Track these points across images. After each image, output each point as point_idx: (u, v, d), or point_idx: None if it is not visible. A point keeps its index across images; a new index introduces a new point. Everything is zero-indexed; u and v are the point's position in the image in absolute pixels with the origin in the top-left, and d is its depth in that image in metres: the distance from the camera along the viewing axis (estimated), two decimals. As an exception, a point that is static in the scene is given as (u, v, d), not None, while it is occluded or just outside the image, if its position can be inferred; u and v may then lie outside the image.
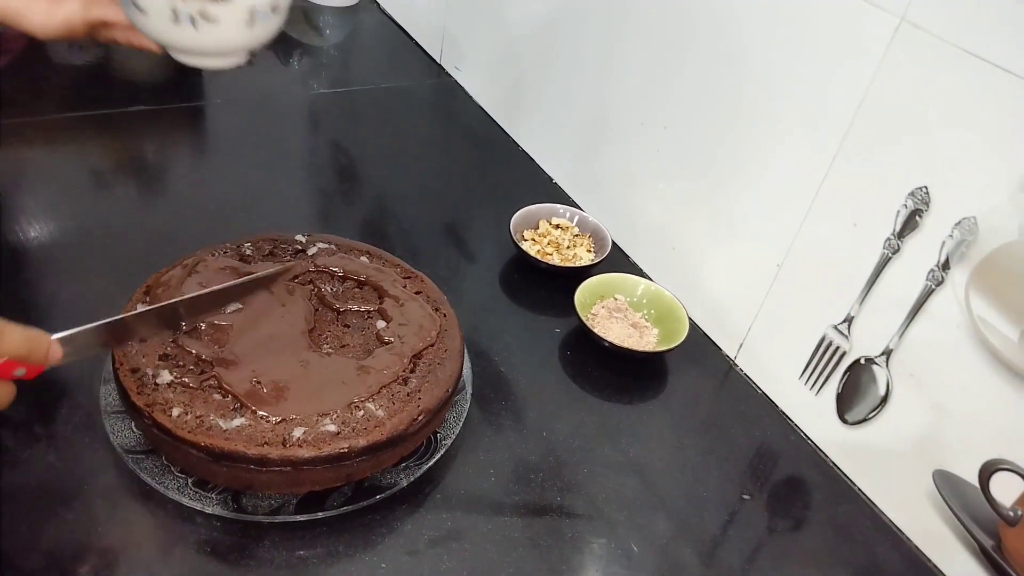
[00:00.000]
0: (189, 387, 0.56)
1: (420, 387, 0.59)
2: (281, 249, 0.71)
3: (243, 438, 0.53)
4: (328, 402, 0.56)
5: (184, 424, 0.53)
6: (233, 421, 0.54)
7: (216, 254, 0.68)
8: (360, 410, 0.56)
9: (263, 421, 0.54)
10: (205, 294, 0.60)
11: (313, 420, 0.55)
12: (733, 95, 0.73)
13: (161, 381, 0.56)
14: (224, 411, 0.55)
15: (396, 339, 0.63)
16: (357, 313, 0.66)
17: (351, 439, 0.54)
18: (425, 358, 0.62)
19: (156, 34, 0.54)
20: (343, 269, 0.69)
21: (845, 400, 0.68)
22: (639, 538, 0.60)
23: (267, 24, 0.56)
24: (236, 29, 0.54)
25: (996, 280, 0.55)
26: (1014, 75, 0.52)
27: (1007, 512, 0.56)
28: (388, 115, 0.93)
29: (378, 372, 0.59)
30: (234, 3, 0.52)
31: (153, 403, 0.54)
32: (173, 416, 0.54)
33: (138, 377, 0.56)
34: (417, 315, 0.65)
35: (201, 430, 0.53)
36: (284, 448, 0.53)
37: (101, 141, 0.92)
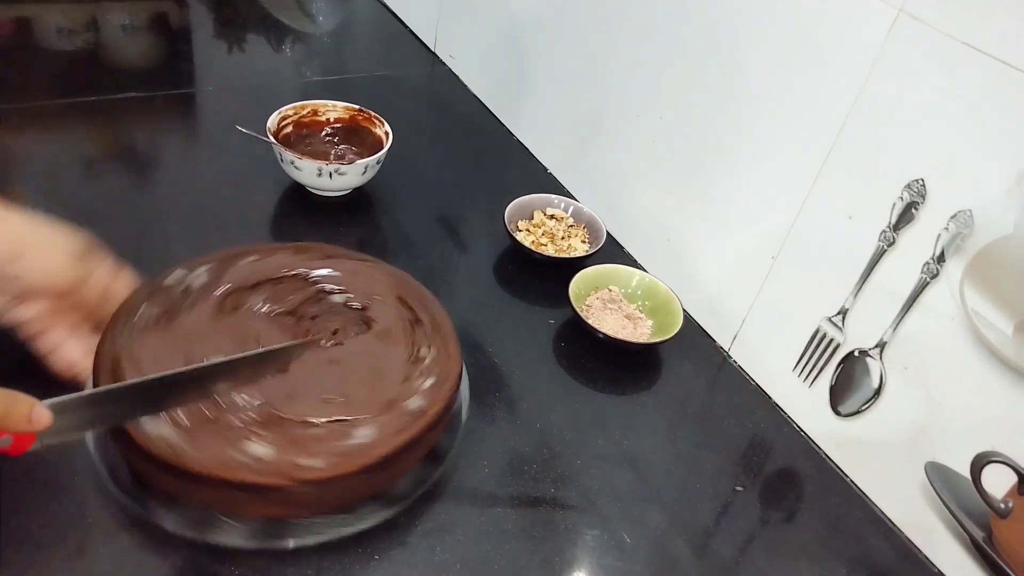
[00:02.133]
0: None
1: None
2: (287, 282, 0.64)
3: (261, 468, 0.50)
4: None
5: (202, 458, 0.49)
6: (250, 448, 0.50)
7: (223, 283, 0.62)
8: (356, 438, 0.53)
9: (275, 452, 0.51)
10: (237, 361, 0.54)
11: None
12: (729, 86, 0.72)
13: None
14: (235, 439, 0.51)
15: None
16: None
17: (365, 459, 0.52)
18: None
19: (306, 182, 0.84)
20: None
21: (838, 392, 0.68)
22: (632, 529, 0.60)
23: (374, 171, 0.86)
24: (355, 178, 0.85)
25: (991, 274, 0.55)
26: (1012, 68, 0.51)
27: (998, 504, 0.56)
28: (381, 104, 0.92)
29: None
30: (355, 164, 0.82)
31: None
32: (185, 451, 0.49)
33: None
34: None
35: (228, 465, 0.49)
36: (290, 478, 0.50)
37: (91, 128, 0.91)
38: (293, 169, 0.82)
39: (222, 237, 0.79)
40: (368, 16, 1.31)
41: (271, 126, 0.84)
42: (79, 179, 0.83)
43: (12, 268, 0.54)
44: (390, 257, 0.82)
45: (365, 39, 1.27)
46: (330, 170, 0.82)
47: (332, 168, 0.81)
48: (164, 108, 0.97)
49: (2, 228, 0.54)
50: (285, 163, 0.83)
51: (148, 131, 0.93)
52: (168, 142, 0.93)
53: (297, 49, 1.17)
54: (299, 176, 0.83)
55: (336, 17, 1.29)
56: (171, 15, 1.18)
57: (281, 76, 1.10)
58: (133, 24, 1.13)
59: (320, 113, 0.90)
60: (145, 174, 0.87)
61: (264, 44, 1.16)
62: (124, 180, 0.85)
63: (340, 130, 0.91)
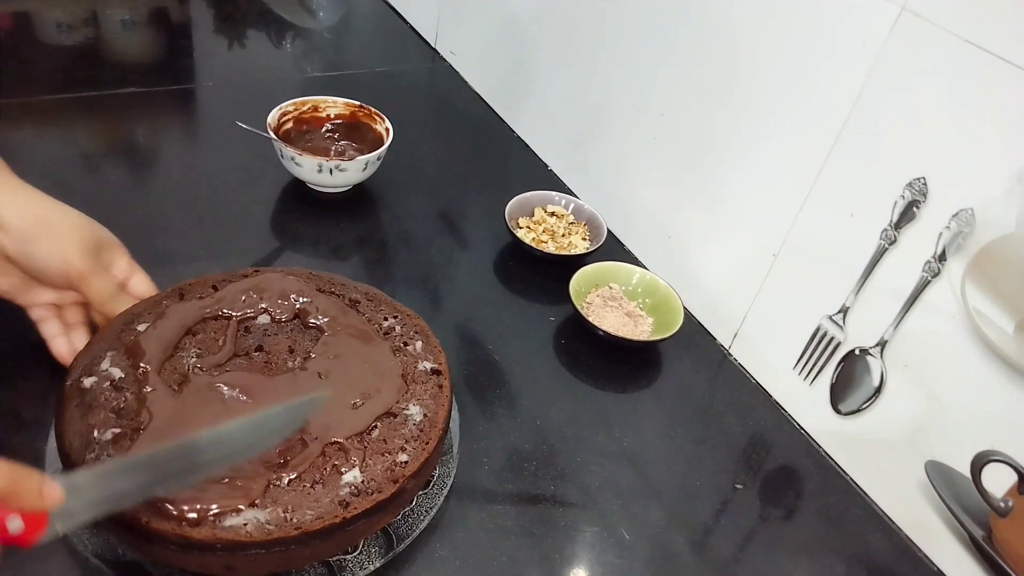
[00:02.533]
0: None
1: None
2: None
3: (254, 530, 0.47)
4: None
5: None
6: (239, 516, 0.47)
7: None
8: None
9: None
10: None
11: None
12: (730, 83, 0.72)
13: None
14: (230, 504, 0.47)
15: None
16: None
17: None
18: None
19: (307, 178, 0.84)
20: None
21: (839, 390, 0.68)
22: (632, 526, 0.60)
23: (375, 168, 0.86)
24: (356, 174, 0.84)
25: (992, 272, 0.55)
26: (1014, 66, 0.51)
27: (998, 503, 0.56)
28: (382, 100, 0.92)
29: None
30: (356, 161, 0.82)
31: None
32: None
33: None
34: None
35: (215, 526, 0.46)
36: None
37: (91, 124, 0.91)
38: (293, 165, 0.82)
39: (222, 234, 0.79)
40: (369, 12, 1.31)
41: (271, 122, 0.84)
42: (78, 175, 0.83)
43: (24, 248, 0.54)
44: (390, 253, 0.82)
45: (366, 35, 1.27)
46: (331, 166, 0.81)
47: (333, 164, 0.81)
48: (164, 104, 0.97)
49: (23, 208, 0.55)
50: (285, 159, 0.83)
51: (148, 127, 0.93)
52: (168, 138, 0.93)
53: (297, 45, 1.17)
54: (299, 172, 0.83)
55: (337, 13, 1.29)
56: (171, 10, 1.18)
57: (281, 72, 1.10)
58: (133, 19, 1.12)
59: (320, 109, 0.90)
60: (145, 170, 0.87)
61: (264, 40, 1.16)
62: (124, 176, 0.85)
63: (340, 126, 0.91)
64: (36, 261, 0.55)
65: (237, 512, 0.46)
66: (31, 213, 0.55)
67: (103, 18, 1.11)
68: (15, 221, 0.54)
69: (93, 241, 0.57)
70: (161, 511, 0.46)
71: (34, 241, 0.54)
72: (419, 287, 0.78)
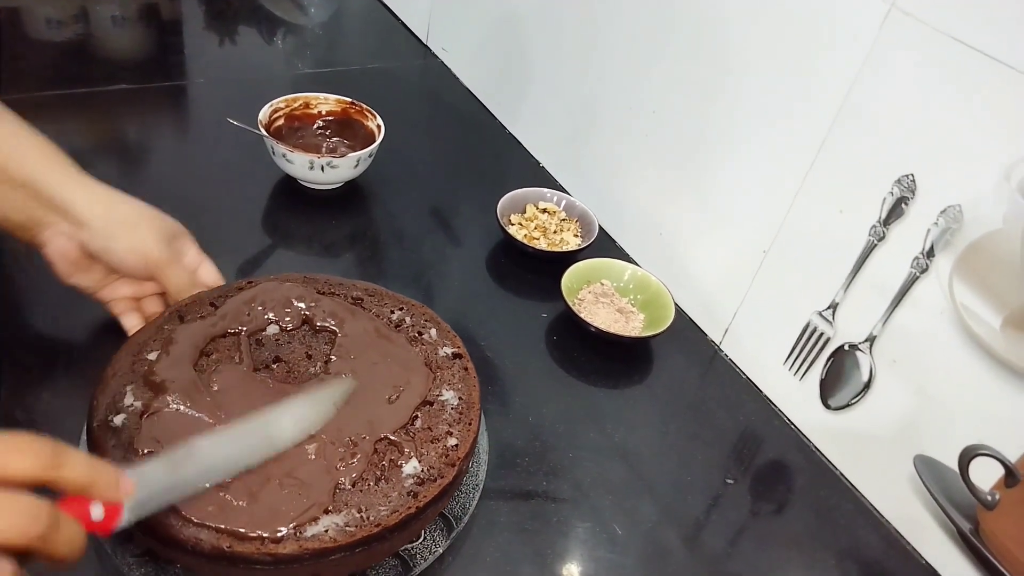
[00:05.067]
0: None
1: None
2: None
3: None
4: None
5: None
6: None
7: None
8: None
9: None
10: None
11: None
12: (721, 81, 0.72)
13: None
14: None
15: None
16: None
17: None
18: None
19: (298, 175, 0.84)
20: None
21: (828, 386, 0.68)
22: (624, 522, 0.61)
23: (366, 165, 0.86)
24: (348, 171, 0.84)
25: (980, 268, 0.56)
26: (1002, 64, 0.52)
27: (985, 496, 0.57)
28: (373, 97, 0.92)
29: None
30: (348, 157, 0.82)
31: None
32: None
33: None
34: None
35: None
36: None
37: (81, 120, 0.90)
38: (285, 162, 0.82)
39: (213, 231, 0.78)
40: (360, 8, 1.31)
41: (262, 119, 0.84)
42: (69, 172, 0.82)
43: (105, 244, 0.57)
44: (383, 250, 0.82)
45: (357, 31, 1.27)
46: (322, 163, 0.81)
47: (324, 161, 0.81)
48: (155, 100, 0.97)
49: (101, 206, 0.57)
50: (277, 156, 0.82)
51: (138, 123, 0.93)
52: (159, 135, 0.92)
53: (289, 41, 1.17)
54: (291, 169, 0.83)
55: (328, 9, 1.28)
56: (162, 6, 1.17)
57: (273, 68, 1.10)
58: (123, 15, 1.12)
59: (312, 106, 0.90)
60: (135, 167, 0.86)
61: (255, 36, 1.15)
62: (114, 173, 0.84)
63: (332, 123, 0.91)
64: (118, 255, 0.58)
65: (315, 521, 0.47)
66: (109, 210, 0.57)
67: (93, 14, 1.10)
68: (96, 219, 0.56)
69: (167, 232, 0.60)
70: (239, 535, 0.46)
71: (115, 237, 0.57)
72: (411, 284, 0.78)
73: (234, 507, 0.46)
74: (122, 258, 0.58)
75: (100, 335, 0.64)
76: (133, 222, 0.58)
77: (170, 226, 0.60)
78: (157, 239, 0.59)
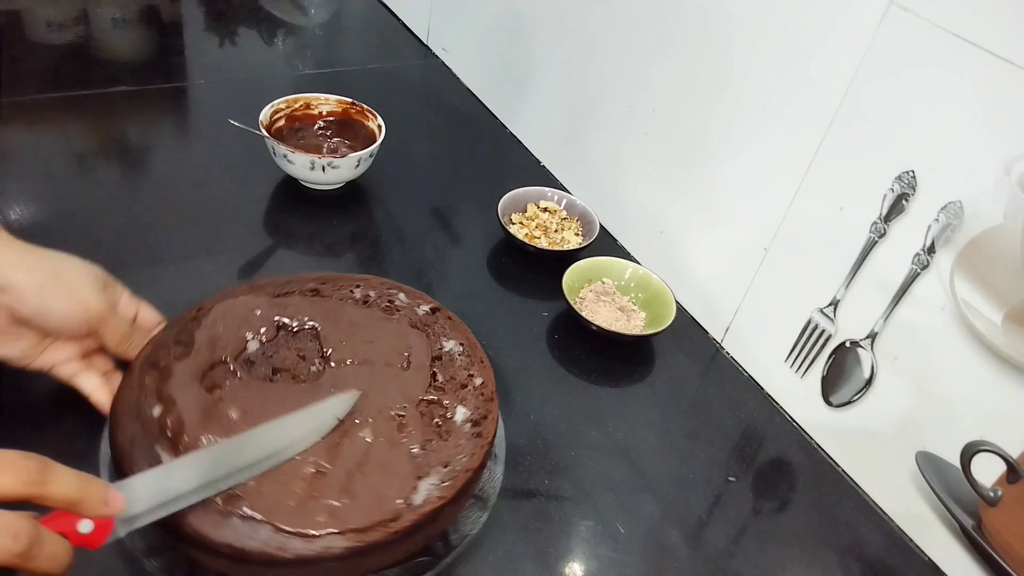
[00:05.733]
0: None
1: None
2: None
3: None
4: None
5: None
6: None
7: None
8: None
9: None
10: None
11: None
12: (721, 79, 0.72)
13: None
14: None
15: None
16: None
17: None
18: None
19: (299, 175, 0.84)
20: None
21: (830, 383, 0.68)
22: (626, 520, 0.61)
23: (367, 165, 0.86)
24: (348, 171, 0.85)
25: (981, 264, 0.56)
26: (1002, 59, 0.52)
27: (987, 492, 0.57)
28: (374, 97, 0.92)
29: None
30: (348, 158, 0.82)
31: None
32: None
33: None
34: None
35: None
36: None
37: (82, 123, 0.91)
38: (286, 163, 0.82)
39: (215, 232, 0.79)
40: (360, 9, 1.31)
41: (263, 119, 0.84)
42: (70, 174, 0.83)
43: (42, 306, 0.52)
44: (384, 249, 0.82)
45: (357, 32, 1.27)
46: (323, 163, 0.81)
47: (325, 162, 0.81)
48: (155, 102, 0.97)
49: (30, 265, 0.52)
50: (278, 157, 0.83)
51: (139, 125, 0.93)
52: (160, 136, 0.93)
53: (289, 42, 1.17)
54: (292, 170, 0.83)
55: (328, 10, 1.29)
56: (162, 8, 1.17)
57: (273, 69, 1.10)
58: (124, 17, 1.12)
59: (312, 106, 0.90)
60: (136, 169, 0.86)
61: (256, 37, 1.15)
62: (115, 175, 0.84)
63: (333, 123, 0.91)
64: (55, 313, 0.53)
65: (415, 490, 0.49)
66: (39, 267, 0.52)
67: (94, 16, 1.10)
68: (26, 279, 0.51)
69: (100, 281, 0.55)
70: (360, 530, 0.47)
71: (50, 294, 0.52)
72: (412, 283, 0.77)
73: (341, 508, 0.47)
74: (61, 317, 0.53)
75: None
76: (67, 276, 0.53)
77: (100, 274, 0.56)
78: (92, 291, 0.54)
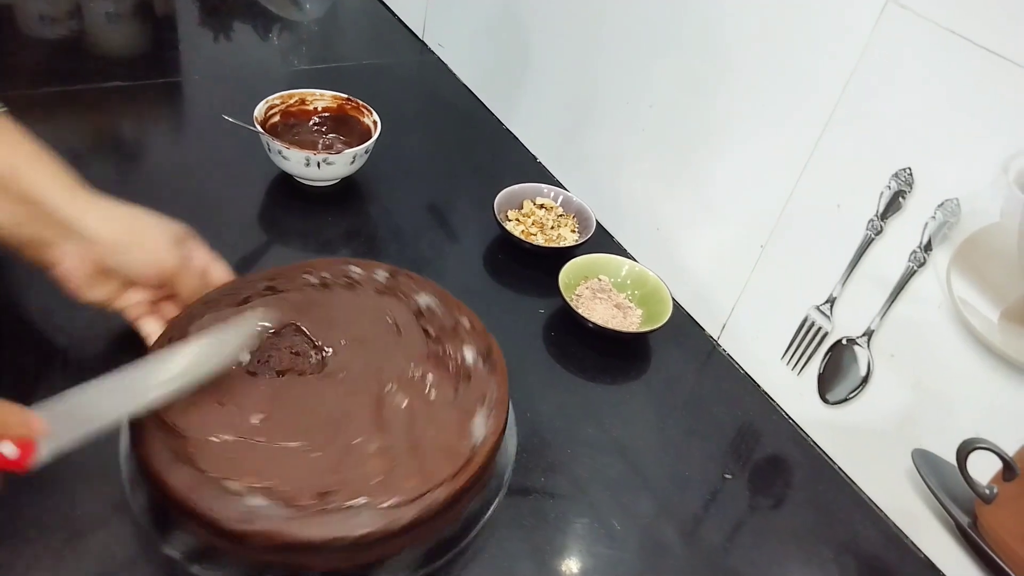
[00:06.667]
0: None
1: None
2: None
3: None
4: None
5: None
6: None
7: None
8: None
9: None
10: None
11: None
12: (718, 75, 0.72)
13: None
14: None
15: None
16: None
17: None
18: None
19: (294, 171, 0.84)
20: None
21: (826, 380, 0.68)
22: (622, 517, 0.61)
23: (363, 161, 0.86)
24: (344, 168, 0.84)
25: (977, 262, 0.56)
26: (999, 56, 0.52)
27: (983, 490, 0.57)
28: (370, 93, 0.92)
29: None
30: (344, 154, 0.82)
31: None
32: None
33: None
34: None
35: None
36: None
37: (75, 118, 0.90)
38: (281, 159, 0.82)
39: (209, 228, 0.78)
40: (356, 4, 1.30)
41: (258, 115, 0.84)
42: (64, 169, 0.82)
43: (120, 258, 0.58)
44: (380, 246, 0.82)
45: (353, 27, 1.26)
46: (318, 160, 0.81)
47: (320, 158, 0.81)
48: (149, 97, 0.96)
49: (110, 221, 0.58)
50: (273, 153, 0.82)
51: (133, 121, 0.92)
52: (154, 132, 0.92)
53: (284, 37, 1.16)
54: (287, 166, 0.83)
55: (323, 5, 1.28)
56: (156, 3, 1.17)
57: (268, 65, 1.09)
58: (117, 12, 1.11)
59: (308, 102, 0.90)
60: (130, 164, 0.86)
61: (251, 32, 1.15)
62: (109, 171, 0.84)
63: (328, 119, 0.90)
64: (132, 267, 0.58)
65: (471, 429, 0.53)
66: (119, 224, 0.58)
67: (87, 10, 1.09)
68: (107, 235, 0.57)
69: (175, 238, 0.60)
70: (442, 482, 0.49)
71: (128, 250, 0.58)
72: (408, 280, 0.78)
73: (423, 468, 0.49)
74: (138, 270, 0.59)
75: (97, 333, 0.64)
76: (142, 233, 0.59)
77: (177, 231, 0.61)
78: (168, 247, 0.59)
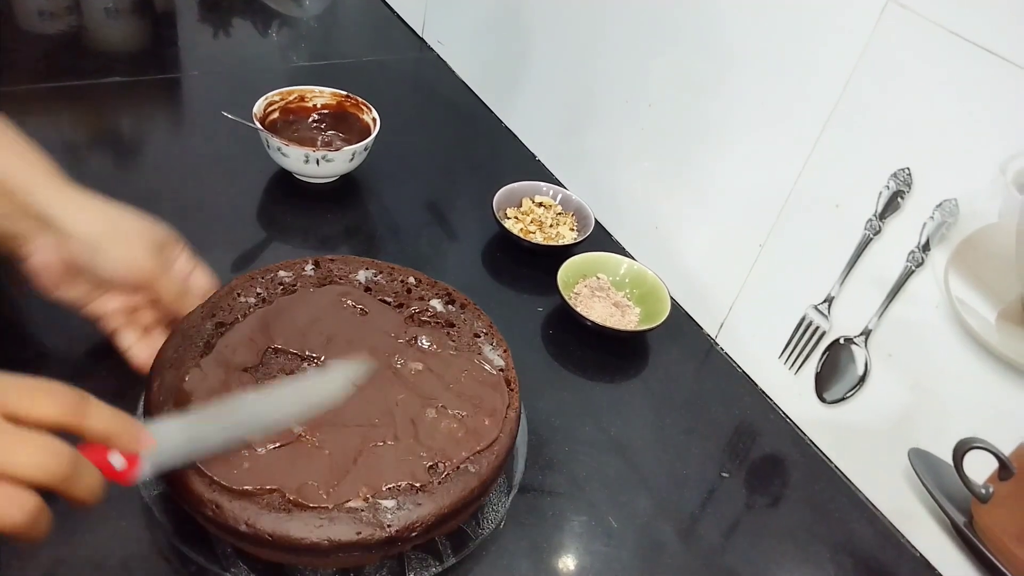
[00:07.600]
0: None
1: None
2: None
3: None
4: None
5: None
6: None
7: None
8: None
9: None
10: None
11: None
12: (718, 75, 0.72)
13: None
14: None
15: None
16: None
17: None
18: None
19: (293, 168, 0.84)
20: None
21: (824, 379, 0.68)
22: (620, 515, 0.61)
23: (362, 158, 0.85)
24: (343, 165, 0.84)
25: (975, 262, 0.56)
26: (1000, 58, 0.52)
27: (979, 489, 0.57)
28: (369, 90, 0.92)
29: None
30: (343, 151, 0.82)
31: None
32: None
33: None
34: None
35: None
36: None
37: (74, 113, 0.90)
38: (280, 156, 0.82)
39: (208, 225, 0.78)
40: (355, 1, 1.30)
41: (257, 112, 0.84)
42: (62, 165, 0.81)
43: (94, 256, 0.54)
44: (378, 243, 0.82)
45: (352, 24, 1.26)
46: (317, 157, 0.81)
47: (319, 155, 0.81)
48: (148, 93, 0.96)
49: (88, 217, 0.54)
50: (272, 149, 0.82)
51: (132, 116, 0.92)
52: (153, 128, 0.92)
53: (283, 34, 1.16)
54: (286, 163, 0.83)
55: (323, 1, 1.28)
56: (155, -2, 1.17)
57: (267, 61, 1.09)
58: (117, 7, 1.11)
59: (307, 99, 0.89)
60: (129, 161, 0.86)
61: (250, 29, 1.15)
62: (108, 166, 0.84)
63: (327, 116, 0.90)
64: (107, 267, 0.55)
65: (499, 381, 0.58)
66: (96, 221, 0.55)
67: (86, 6, 1.09)
68: (82, 231, 0.54)
69: (156, 241, 0.57)
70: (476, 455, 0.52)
71: (103, 248, 0.54)
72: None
73: (483, 423, 0.54)
74: (111, 270, 0.55)
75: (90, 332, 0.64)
76: (121, 232, 0.55)
77: (159, 234, 0.58)
78: (146, 249, 0.56)
